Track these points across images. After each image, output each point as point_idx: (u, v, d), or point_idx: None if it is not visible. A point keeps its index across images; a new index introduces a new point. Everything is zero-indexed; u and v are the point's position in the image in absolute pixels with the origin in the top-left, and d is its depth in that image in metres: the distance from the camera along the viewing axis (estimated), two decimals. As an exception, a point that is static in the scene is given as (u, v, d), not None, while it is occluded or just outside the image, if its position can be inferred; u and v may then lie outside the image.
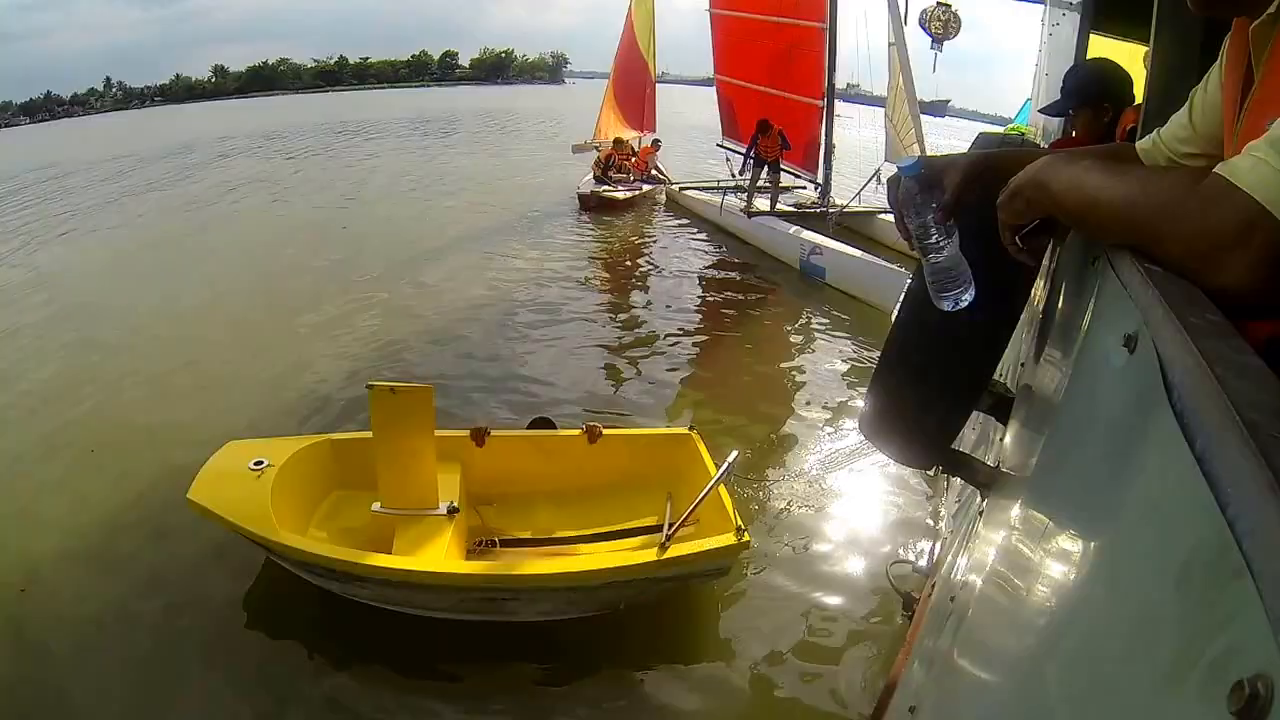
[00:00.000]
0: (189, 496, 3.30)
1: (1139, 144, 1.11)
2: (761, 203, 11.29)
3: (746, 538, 3.16)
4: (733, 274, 9.61)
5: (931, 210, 1.01)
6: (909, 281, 1.35)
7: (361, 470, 3.52)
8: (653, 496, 3.77)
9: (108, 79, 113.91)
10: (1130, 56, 2.98)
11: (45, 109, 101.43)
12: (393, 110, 44.20)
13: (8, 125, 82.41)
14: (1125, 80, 2.65)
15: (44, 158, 26.15)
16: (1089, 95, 2.66)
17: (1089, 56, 3.50)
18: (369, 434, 3.46)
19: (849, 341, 7.17)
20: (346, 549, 3.15)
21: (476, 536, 3.61)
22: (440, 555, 3.16)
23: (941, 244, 1.02)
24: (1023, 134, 6.02)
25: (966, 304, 1.04)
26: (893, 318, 5.23)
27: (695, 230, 11.84)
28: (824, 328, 7.61)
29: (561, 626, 3.34)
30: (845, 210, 10.69)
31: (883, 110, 11.22)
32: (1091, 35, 3.58)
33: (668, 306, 8.17)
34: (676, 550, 3.09)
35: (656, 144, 14.98)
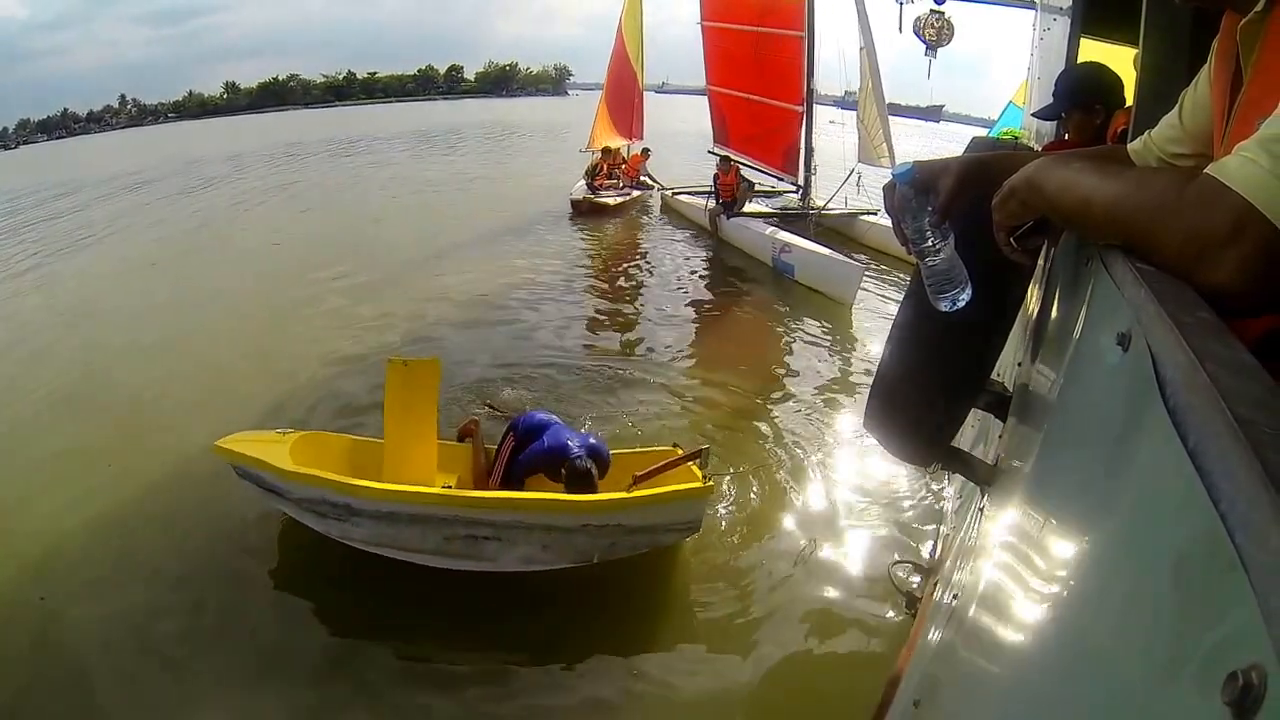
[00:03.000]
0: (215, 444, 3.67)
1: (1130, 145, 1.11)
2: (753, 206, 11.58)
3: (710, 483, 3.51)
4: (715, 273, 9.85)
5: (926, 213, 1.01)
6: (909, 283, 1.36)
7: (372, 469, 3.71)
8: None
9: (122, 96, 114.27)
10: (1121, 59, 2.98)
11: (62, 126, 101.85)
12: (400, 123, 44.44)
13: (26, 142, 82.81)
14: (1116, 83, 2.65)
15: (60, 174, 26.29)
16: (1080, 98, 2.66)
17: (1080, 60, 3.49)
18: (379, 440, 3.74)
19: (819, 337, 7.31)
20: (347, 477, 3.50)
21: None
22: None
23: (937, 246, 1.02)
24: (1016, 137, 6.01)
25: (964, 304, 1.04)
26: (851, 309, 5.33)
27: (684, 233, 12.06)
28: (797, 323, 7.75)
29: (554, 609, 3.44)
30: (824, 212, 10.98)
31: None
32: (1082, 39, 3.58)
33: (654, 305, 8.33)
34: (643, 491, 3.43)
35: (646, 152, 15.16)
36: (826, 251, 8.74)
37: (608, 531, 3.46)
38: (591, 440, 3.75)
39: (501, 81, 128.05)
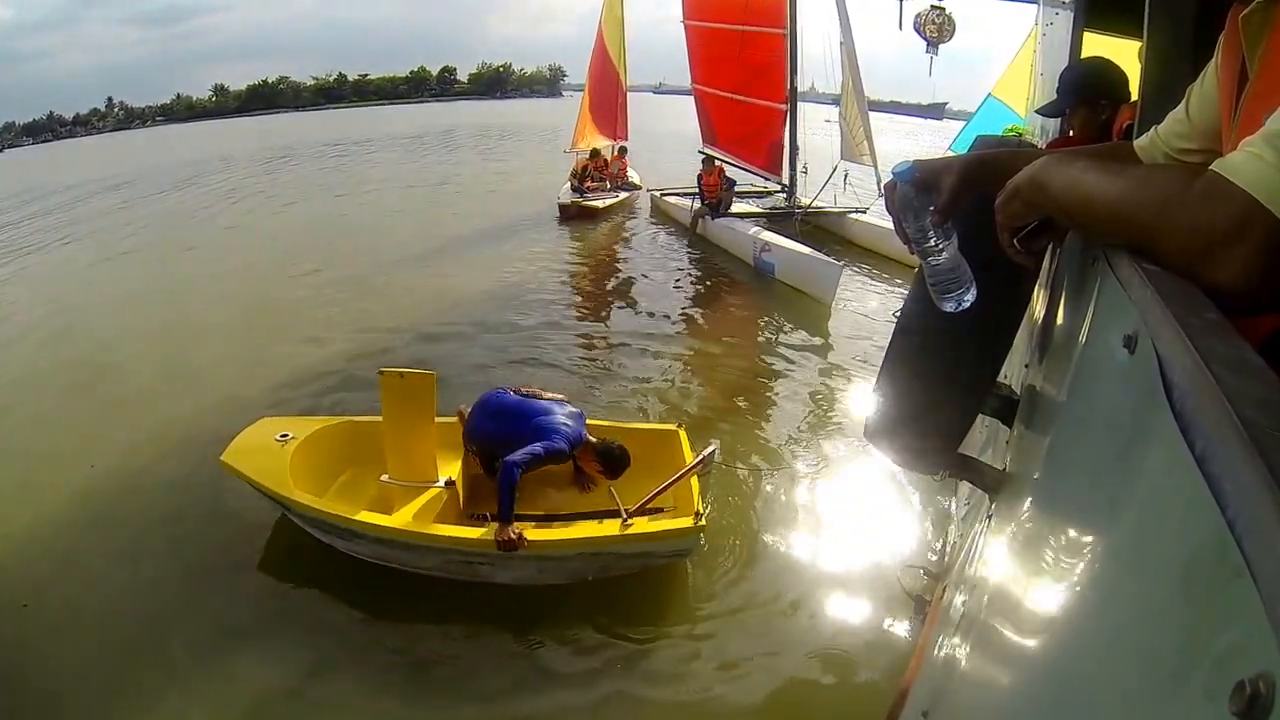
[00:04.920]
0: (222, 459, 3.85)
1: (1136, 142, 1.11)
2: (739, 206, 11.77)
3: (703, 522, 3.54)
4: (698, 273, 10.01)
5: (928, 213, 1.01)
6: (911, 285, 1.35)
7: (377, 450, 3.86)
8: (638, 485, 3.95)
9: (109, 99, 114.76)
10: (1126, 53, 2.98)
11: (48, 129, 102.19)
12: (392, 126, 44.67)
13: (12, 146, 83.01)
14: (1120, 78, 2.65)
15: (45, 179, 26.35)
16: (1084, 94, 2.66)
17: (1084, 55, 3.50)
18: (379, 419, 3.85)
19: (802, 336, 7.39)
20: (344, 506, 3.62)
21: (472, 511, 3.94)
22: (433, 521, 3.55)
23: (940, 246, 1.02)
24: (1020, 135, 6.02)
25: (969, 304, 1.04)
26: (831, 306, 5.35)
27: (669, 234, 12.24)
28: (779, 322, 7.85)
29: (550, 608, 3.53)
30: (811, 210, 11.13)
31: (877, 114, 11.41)
32: (1086, 33, 3.59)
33: (638, 306, 8.46)
34: (636, 528, 3.49)
35: (622, 151, 15.31)
36: (806, 250, 8.87)
37: (600, 558, 3.59)
38: (560, 418, 3.81)
39: (495, 83, 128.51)
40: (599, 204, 13.43)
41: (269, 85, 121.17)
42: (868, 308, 8.35)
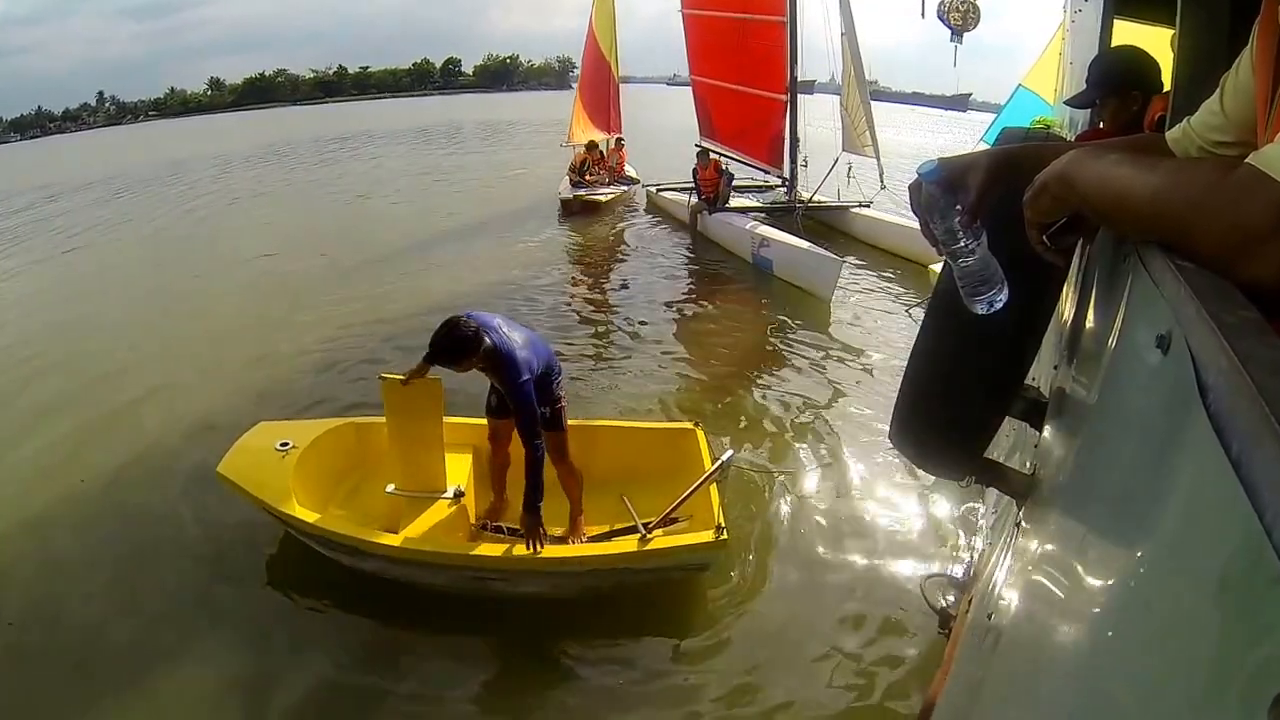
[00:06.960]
0: (219, 470, 3.77)
1: (1169, 134, 1.10)
2: (739, 201, 11.81)
3: (724, 536, 3.41)
4: (696, 271, 10.07)
5: (956, 213, 1.00)
6: (936, 285, 1.35)
7: (381, 453, 3.85)
8: (654, 488, 3.92)
9: (100, 94, 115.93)
10: (1158, 41, 2.97)
11: (37, 125, 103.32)
12: (393, 121, 44.94)
13: (1, 142, 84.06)
14: (1152, 67, 2.63)
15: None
16: (1115, 84, 2.64)
17: (1115, 43, 3.48)
18: (383, 420, 3.78)
19: (802, 336, 7.39)
20: (350, 525, 3.57)
21: (483, 520, 3.89)
22: (443, 536, 3.49)
23: (970, 246, 1.01)
24: (1048, 127, 5.98)
25: (1001, 304, 1.03)
26: (830, 303, 5.30)
27: (668, 230, 12.31)
28: (781, 322, 7.83)
29: (556, 613, 3.58)
30: (811, 204, 11.12)
31: (899, 106, 11.40)
32: (1116, 20, 3.57)
33: (636, 307, 8.52)
34: (655, 544, 3.41)
35: (619, 143, 15.47)
36: (805, 245, 8.86)
37: (616, 574, 3.54)
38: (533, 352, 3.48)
39: (502, 75, 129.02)
40: (601, 198, 13.60)
41: (266, 79, 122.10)
42: (872, 304, 8.36)
